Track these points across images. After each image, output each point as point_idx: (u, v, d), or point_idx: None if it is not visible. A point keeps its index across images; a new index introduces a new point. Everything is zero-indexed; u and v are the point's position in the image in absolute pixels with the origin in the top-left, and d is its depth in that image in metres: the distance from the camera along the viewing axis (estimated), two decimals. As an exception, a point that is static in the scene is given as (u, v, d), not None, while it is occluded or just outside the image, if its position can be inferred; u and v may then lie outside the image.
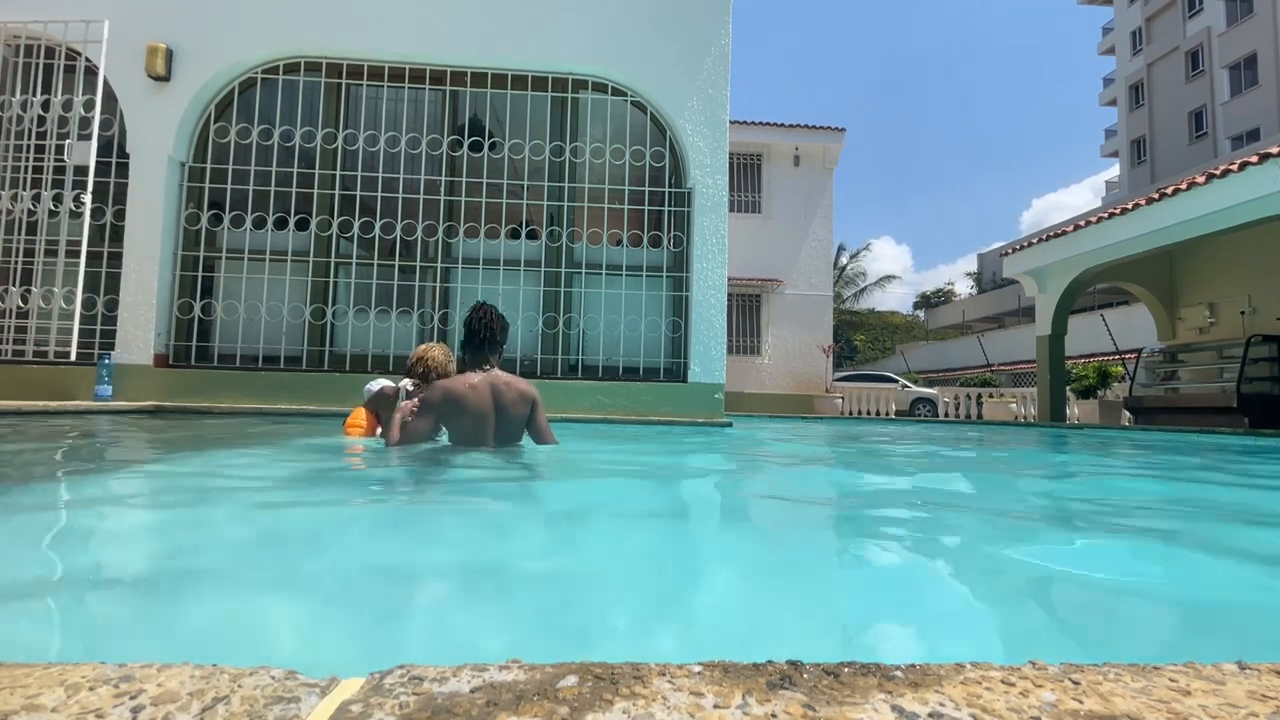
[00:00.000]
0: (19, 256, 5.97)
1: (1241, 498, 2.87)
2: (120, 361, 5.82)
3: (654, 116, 6.64)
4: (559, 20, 6.48)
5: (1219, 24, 29.14)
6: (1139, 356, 12.38)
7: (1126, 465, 4.37)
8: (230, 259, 6.33)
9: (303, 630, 0.96)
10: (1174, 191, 9.02)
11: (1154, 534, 1.93)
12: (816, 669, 0.57)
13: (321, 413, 5.37)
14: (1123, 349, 15.09)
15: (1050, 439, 7.27)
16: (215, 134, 6.32)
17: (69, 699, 0.49)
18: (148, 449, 3.62)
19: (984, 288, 42.21)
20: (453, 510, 1.92)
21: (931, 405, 17.81)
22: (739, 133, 15.35)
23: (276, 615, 1.02)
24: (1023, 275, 12.68)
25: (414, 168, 6.54)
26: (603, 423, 5.58)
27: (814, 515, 2.20)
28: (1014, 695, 0.52)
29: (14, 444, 3.34)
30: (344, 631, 0.96)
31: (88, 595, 1.11)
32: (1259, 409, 9.74)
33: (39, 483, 2.27)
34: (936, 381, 24.77)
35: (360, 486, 2.47)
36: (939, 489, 2.86)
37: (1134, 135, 33.96)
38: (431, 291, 6.42)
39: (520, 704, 0.49)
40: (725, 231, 6.41)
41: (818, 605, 1.19)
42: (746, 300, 16.17)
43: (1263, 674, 0.59)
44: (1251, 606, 1.20)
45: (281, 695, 0.51)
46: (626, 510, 2.12)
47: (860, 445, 5.66)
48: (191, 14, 6.16)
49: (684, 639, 0.99)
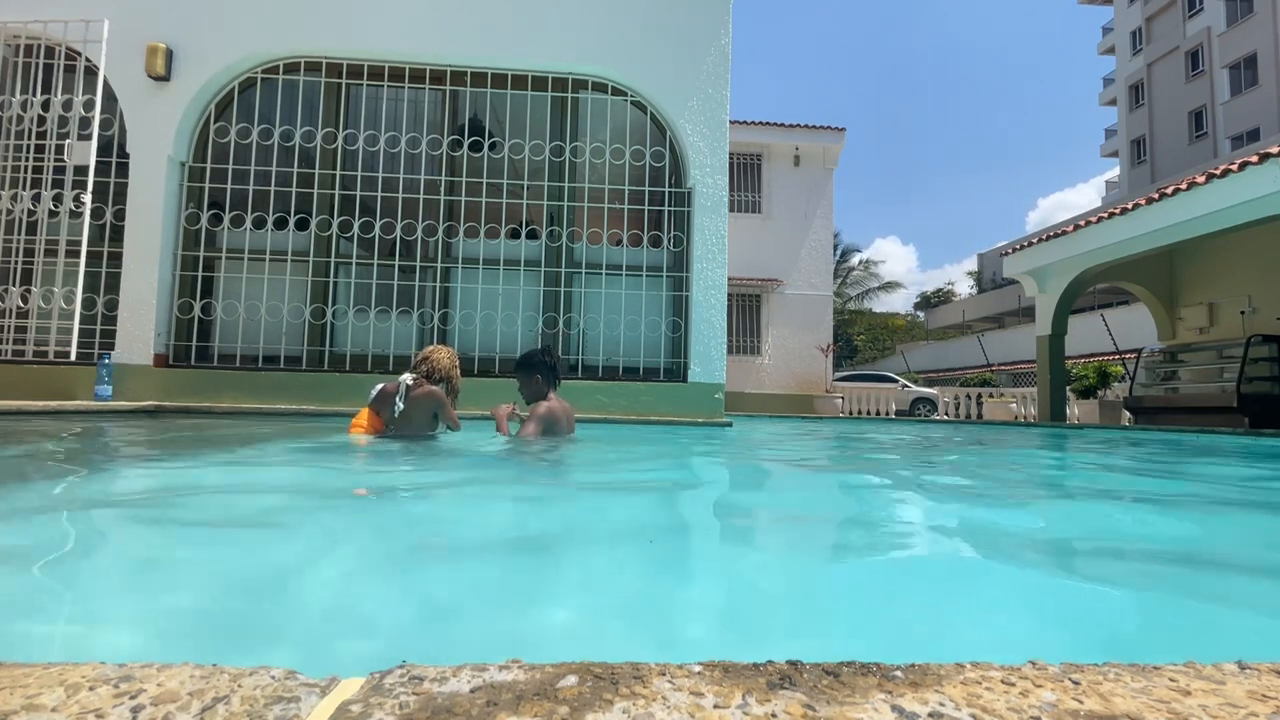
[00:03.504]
0: (19, 256, 5.96)
1: (1241, 497, 2.87)
2: (120, 361, 5.81)
3: (654, 116, 6.64)
4: (559, 20, 6.48)
5: (1219, 24, 29.14)
6: (1139, 356, 12.38)
7: (1127, 465, 4.36)
8: (230, 259, 6.33)
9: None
10: (1174, 191, 9.02)
11: (1155, 533, 1.93)
12: (816, 669, 0.57)
13: (322, 412, 5.37)
14: (1123, 349, 15.09)
15: (1050, 439, 7.26)
16: (215, 134, 6.32)
17: (69, 699, 0.49)
18: (148, 449, 3.62)
19: (984, 287, 42.21)
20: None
21: (931, 405, 17.82)
22: (739, 133, 15.34)
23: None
24: (1023, 275, 12.68)
25: (414, 168, 6.54)
26: (603, 423, 5.58)
27: (813, 515, 2.20)
28: (1014, 695, 0.52)
29: (14, 444, 3.33)
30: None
31: (88, 596, 1.11)
32: (1259, 409, 9.74)
33: (39, 483, 2.26)
34: (936, 381, 24.77)
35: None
36: (939, 489, 2.85)
37: (1134, 135, 33.96)
38: (431, 291, 6.42)
39: (520, 704, 0.49)
40: (725, 231, 6.41)
41: (818, 605, 1.19)
42: (746, 300, 16.17)
43: (1263, 674, 0.59)
44: (1252, 606, 1.19)
45: (281, 695, 0.51)
46: (627, 508, 2.12)
47: (860, 446, 5.66)
48: (191, 14, 6.15)
49: (684, 639, 0.99)
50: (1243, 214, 8.28)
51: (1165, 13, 32.48)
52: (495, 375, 6.18)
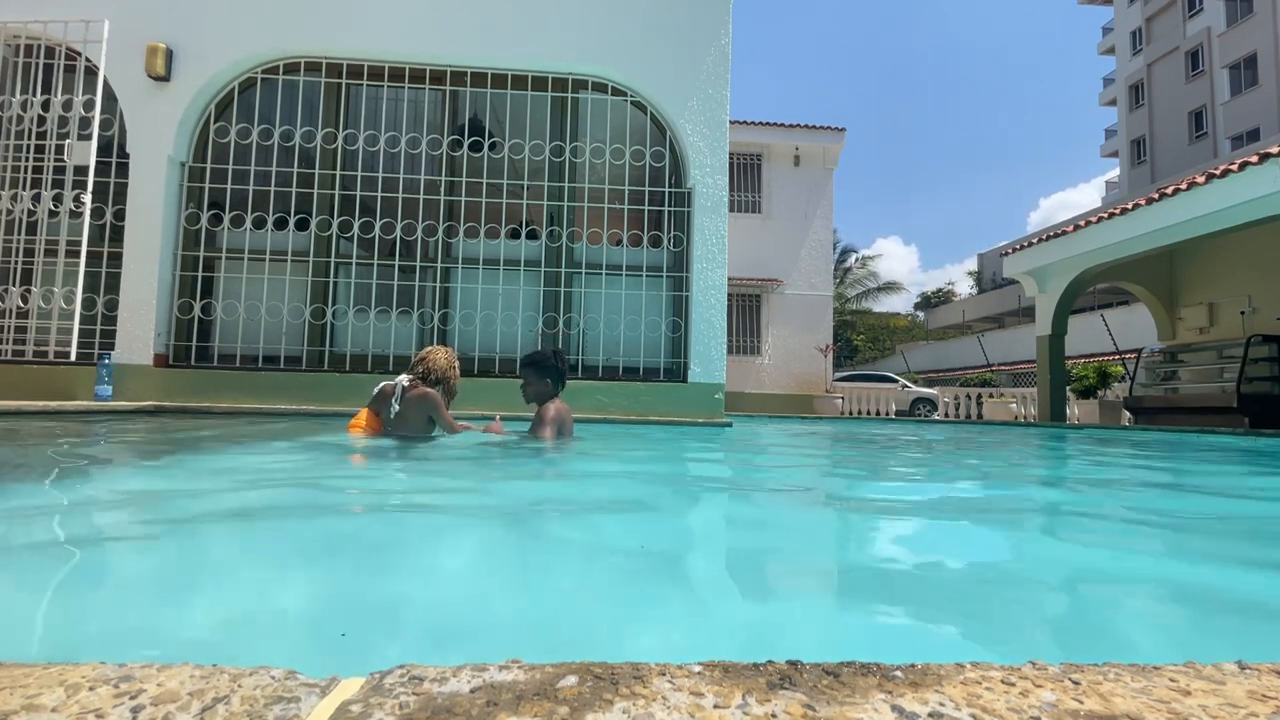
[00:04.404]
0: (19, 256, 5.96)
1: (1241, 496, 2.87)
2: (120, 361, 5.81)
3: (654, 116, 6.64)
4: (559, 20, 6.47)
5: (1219, 24, 29.15)
6: (1139, 356, 12.38)
7: (1127, 464, 4.36)
8: (230, 259, 6.33)
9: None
10: (1174, 191, 9.02)
11: (1154, 534, 1.93)
12: (816, 669, 0.57)
13: (322, 412, 5.37)
14: (1123, 349, 15.10)
15: (1050, 439, 7.26)
16: (215, 134, 6.32)
17: (69, 699, 0.49)
18: (149, 449, 3.62)
19: (984, 287, 42.22)
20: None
21: (931, 405, 17.82)
22: (739, 133, 15.35)
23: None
24: (1023, 275, 12.68)
25: (414, 168, 6.54)
26: (603, 422, 5.58)
27: (814, 514, 2.20)
28: (1014, 695, 0.52)
29: (14, 444, 3.33)
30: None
31: (89, 595, 1.11)
32: (1259, 409, 9.74)
33: (39, 483, 2.26)
34: (936, 381, 24.77)
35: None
36: (938, 488, 2.86)
37: (1134, 135, 33.97)
38: (431, 291, 6.42)
39: (520, 704, 0.49)
40: (725, 231, 6.41)
41: (818, 605, 1.19)
42: (746, 300, 16.17)
43: (1263, 674, 0.59)
44: (1252, 606, 1.19)
45: (281, 695, 0.51)
46: (624, 508, 2.12)
47: (860, 445, 5.66)
48: (191, 14, 6.16)
49: (684, 638, 0.99)
50: (1243, 214, 8.28)
51: (1165, 13, 32.49)
52: (495, 375, 6.18)
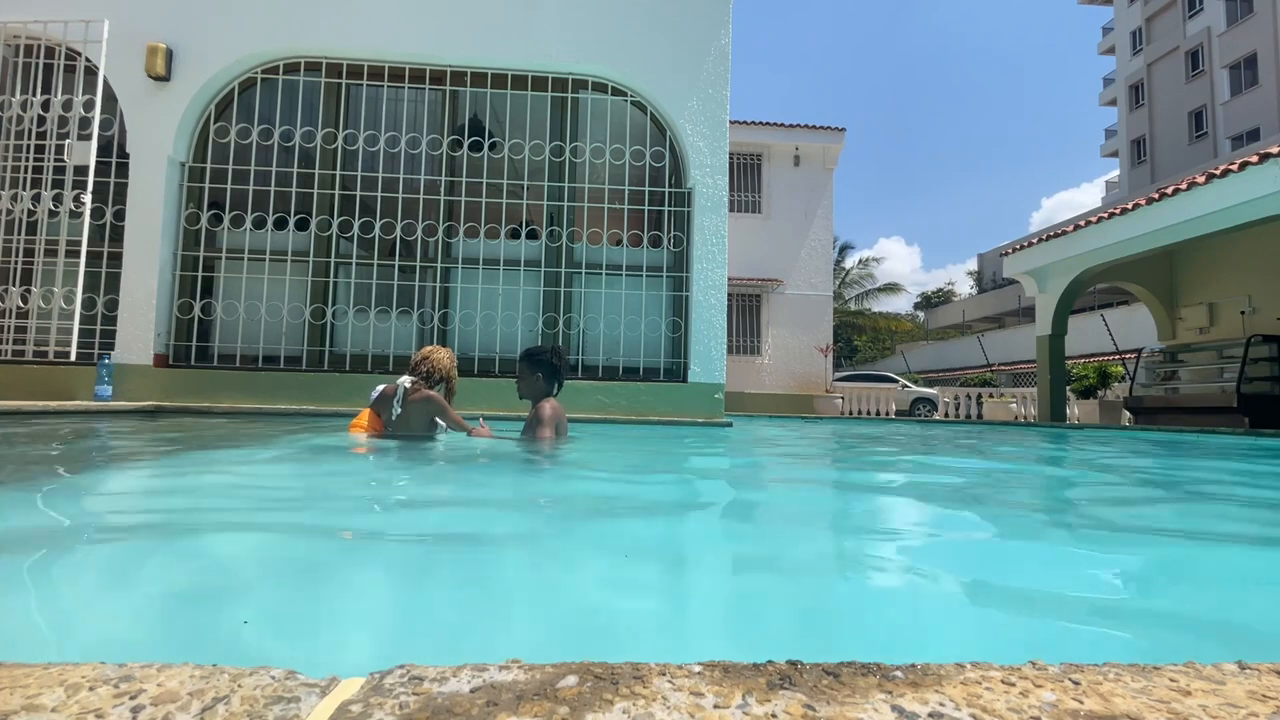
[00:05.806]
0: (19, 256, 5.96)
1: (1241, 495, 2.87)
2: (120, 361, 5.81)
3: (654, 116, 6.64)
4: (559, 20, 6.47)
5: (1219, 24, 29.16)
6: (1139, 356, 12.38)
7: (1127, 464, 4.36)
8: (230, 259, 6.33)
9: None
10: (1174, 191, 9.02)
11: (1154, 533, 1.93)
12: (816, 669, 0.56)
13: (322, 412, 5.37)
14: (1123, 349, 15.11)
15: (1050, 439, 7.26)
16: (215, 134, 6.32)
17: (69, 699, 0.49)
18: (148, 449, 3.62)
19: (984, 287, 42.24)
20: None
21: (932, 405, 17.82)
22: (739, 133, 15.36)
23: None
24: (1023, 275, 12.68)
25: (414, 168, 6.54)
26: (603, 422, 5.58)
27: (813, 515, 2.20)
28: (1014, 695, 0.52)
29: (14, 445, 3.33)
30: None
31: (90, 596, 1.11)
32: (1259, 409, 9.74)
33: (38, 483, 2.26)
34: (936, 381, 24.78)
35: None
36: (938, 488, 2.85)
37: (1134, 135, 33.98)
38: (431, 291, 6.42)
39: (520, 704, 0.49)
40: (725, 231, 6.41)
41: (818, 605, 1.19)
42: (746, 300, 16.18)
43: (1263, 674, 0.59)
44: (1252, 606, 1.19)
45: (281, 695, 0.51)
46: (624, 508, 2.12)
47: (859, 445, 5.66)
48: (191, 14, 6.15)
49: (684, 638, 0.99)
50: (1243, 214, 8.28)
51: (1165, 13, 32.50)
52: (495, 375, 6.18)
